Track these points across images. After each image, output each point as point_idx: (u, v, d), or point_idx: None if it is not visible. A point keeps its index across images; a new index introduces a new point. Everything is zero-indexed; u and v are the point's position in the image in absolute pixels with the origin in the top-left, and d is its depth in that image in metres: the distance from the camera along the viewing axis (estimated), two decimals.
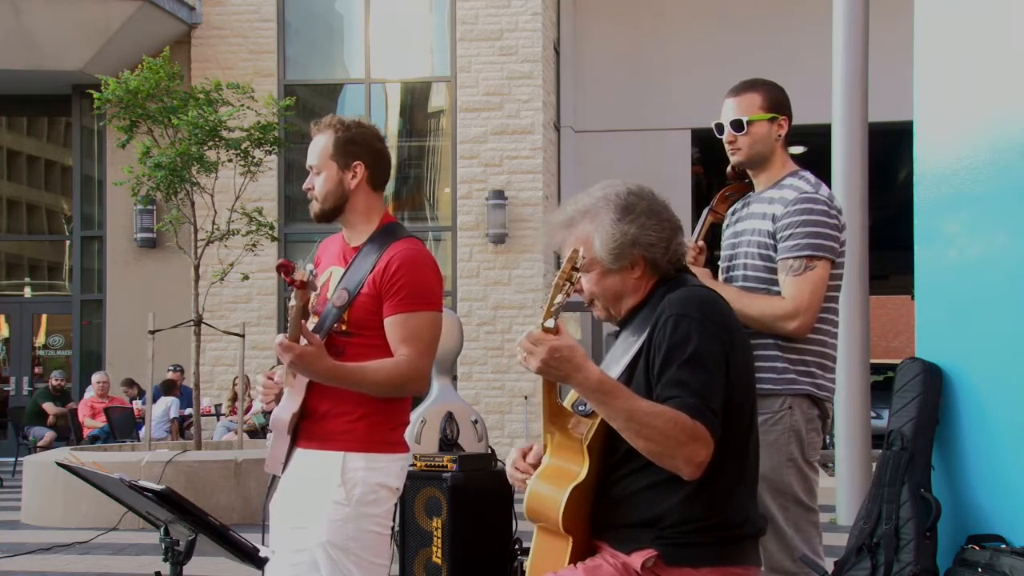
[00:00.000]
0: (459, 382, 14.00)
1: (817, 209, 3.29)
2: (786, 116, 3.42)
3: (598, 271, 2.56)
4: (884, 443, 4.14)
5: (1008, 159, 3.86)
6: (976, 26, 4.11)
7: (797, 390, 3.28)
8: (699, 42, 15.93)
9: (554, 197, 15.56)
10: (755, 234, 3.38)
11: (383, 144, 3.28)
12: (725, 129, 3.42)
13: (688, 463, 2.36)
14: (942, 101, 4.24)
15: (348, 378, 3.00)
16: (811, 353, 3.32)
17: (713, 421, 2.37)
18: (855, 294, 8.26)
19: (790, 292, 3.26)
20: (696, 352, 2.40)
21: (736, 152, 3.42)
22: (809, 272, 3.25)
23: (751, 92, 3.42)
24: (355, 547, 3.03)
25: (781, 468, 3.25)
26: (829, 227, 3.30)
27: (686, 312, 2.44)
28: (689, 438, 2.34)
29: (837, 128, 8.41)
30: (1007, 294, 3.84)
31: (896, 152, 17.26)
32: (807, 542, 3.30)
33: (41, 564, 7.21)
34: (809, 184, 3.36)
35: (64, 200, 17.17)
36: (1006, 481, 3.81)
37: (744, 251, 3.41)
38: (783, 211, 3.31)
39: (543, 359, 2.36)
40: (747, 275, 3.38)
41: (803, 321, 3.24)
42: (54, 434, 14.03)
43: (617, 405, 2.37)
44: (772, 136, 3.40)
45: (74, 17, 14.58)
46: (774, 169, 3.43)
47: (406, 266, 3.07)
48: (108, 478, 2.63)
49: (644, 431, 2.35)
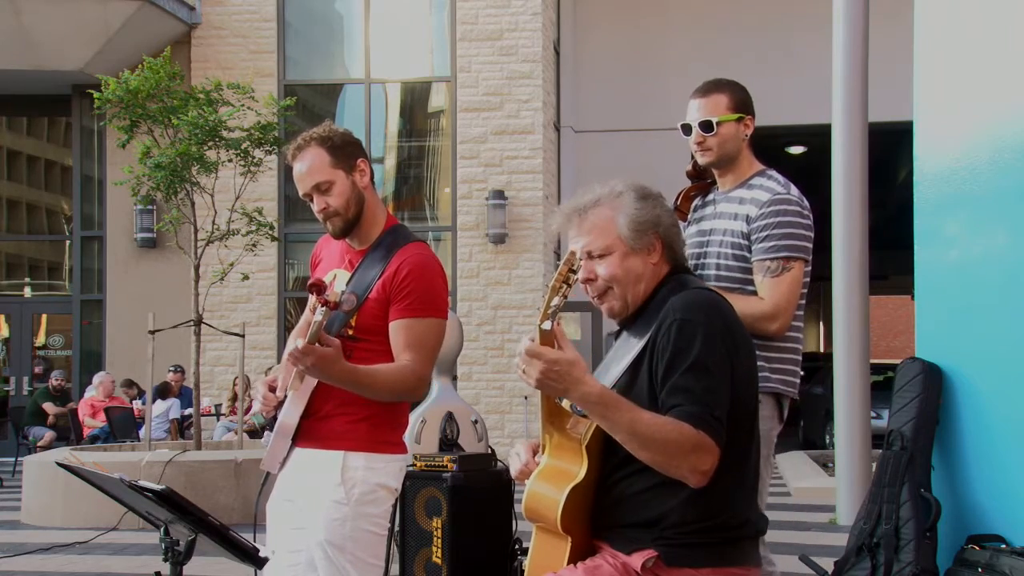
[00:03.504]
0: (459, 382, 14.01)
1: (791, 210, 3.33)
2: (751, 116, 3.46)
3: (620, 252, 2.54)
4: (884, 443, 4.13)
5: (1008, 159, 3.86)
6: (976, 26, 4.11)
7: (766, 388, 3.30)
8: (699, 42, 15.93)
9: (554, 197, 15.56)
10: (727, 234, 3.41)
11: None
12: (693, 130, 3.46)
13: (693, 472, 2.36)
14: (942, 101, 4.24)
15: (360, 381, 2.96)
16: (785, 351, 3.37)
17: (717, 428, 2.36)
18: (855, 294, 8.26)
19: (769, 293, 3.29)
20: (700, 358, 2.39)
21: (706, 153, 3.46)
22: (786, 273, 3.29)
23: (717, 93, 3.45)
24: (352, 547, 3.02)
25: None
26: (803, 227, 3.35)
27: (690, 317, 2.43)
28: (693, 448, 2.34)
29: (837, 128, 8.41)
30: (1007, 294, 3.84)
31: (896, 152, 17.27)
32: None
33: (41, 564, 7.21)
34: (779, 184, 3.40)
35: (64, 200, 17.17)
36: (1006, 481, 3.81)
37: (716, 251, 3.43)
38: (757, 212, 3.34)
39: (540, 373, 2.34)
40: (720, 275, 3.40)
41: (782, 322, 3.30)
42: (54, 434, 14.04)
43: (619, 419, 2.36)
44: (740, 136, 3.44)
45: (74, 17, 14.58)
46: (741, 168, 3.47)
47: (416, 272, 3.05)
48: (108, 478, 2.63)
49: (647, 443, 2.35)
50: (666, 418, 2.36)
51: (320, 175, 3.09)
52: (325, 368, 2.85)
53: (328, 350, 2.82)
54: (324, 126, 3.17)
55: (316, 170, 3.09)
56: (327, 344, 2.83)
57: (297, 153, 3.12)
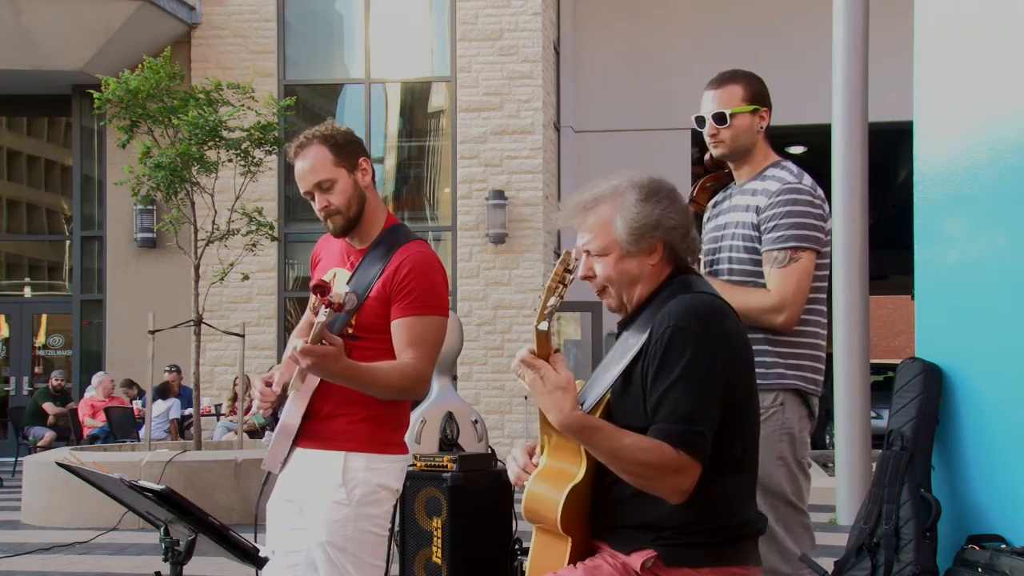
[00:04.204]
0: (459, 382, 14.00)
1: (801, 199, 3.25)
2: (767, 108, 3.40)
3: (616, 254, 2.53)
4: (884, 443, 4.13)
5: (1008, 159, 3.86)
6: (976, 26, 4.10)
7: (786, 385, 3.25)
8: (699, 42, 15.93)
9: (554, 197, 15.56)
10: (739, 227, 3.34)
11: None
12: (707, 122, 3.38)
13: (673, 492, 2.38)
14: (942, 101, 4.24)
15: (362, 379, 2.95)
16: (801, 346, 3.28)
17: (700, 445, 2.36)
18: (855, 294, 8.26)
19: (775, 284, 3.22)
20: (687, 370, 2.37)
21: (719, 145, 3.39)
22: (794, 264, 3.21)
23: (732, 84, 3.38)
24: (353, 548, 3.02)
25: (771, 466, 3.19)
26: (813, 217, 3.26)
27: (683, 325, 2.41)
28: (673, 470, 2.35)
29: (837, 128, 8.41)
30: (1007, 294, 3.84)
31: (896, 152, 17.27)
32: (797, 543, 3.26)
33: (41, 564, 7.21)
34: (792, 174, 3.33)
35: (64, 200, 17.17)
36: (1006, 481, 3.81)
37: (729, 244, 3.37)
38: (767, 202, 3.27)
39: (529, 383, 2.41)
40: (732, 268, 3.34)
41: (790, 314, 3.21)
42: (54, 434, 14.04)
43: (598, 445, 2.38)
44: (754, 128, 3.37)
45: (74, 17, 14.58)
46: (756, 160, 3.40)
47: (417, 270, 3.05)
48: (108, 478, 2.63)
49: (628, 467, 2.37)
50: (647, 440, 2.36)
51: (322, 173, 3.08)
52: (327, 366, 2.84)
53: (331, 348, 2.82)
54: (326, 124, 3.16)
55: (318, 168, 3.08)
56: (330, 343, 2.83)
57: (299, 151, 3.12)
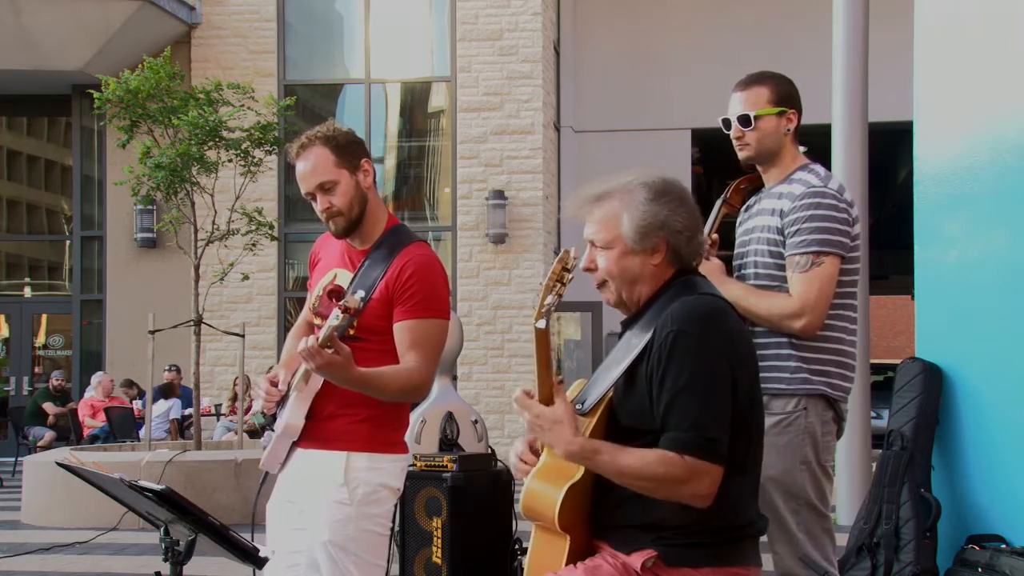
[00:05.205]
0: (459, 382, 14.00)
1: (825, 203, 3.19)
2: (795, 110, 3.33)
3: (619, 250, 2.52)
4: (884, 443, 4.14)
5: (1008, 159, 3.86)
6: (976, 27, 4.11)
7: (810, 390, 3.20)
8: (699, 42, 15.93)
9: (554, 197, 15.57)
10: (764, 231, 3.29)
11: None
12: (732, 124, 3.33)
13: (693, 498, 2.38)
14: (942, 101, 4.24)
15: (368, 384, 2.95)
16: (826, 352, 3.22)
17: (711, 448, 2.35)
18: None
19: (797, 290, 3.17)
20: (693, 376, 2.37)
21: (744, 148, 3.32)
22: (816, 268, 3.16)
23: (759, 86, 3.31)
24: (355, 547, 3.02)
25: (794, 471, 3.17)
26: (838, 221, 3.19)
27: (687, 329, 2.40)
28: (686, 478, 2.35)
29: (837, 128, 8.40)
30: (1007, 294, 3.84)
31: (896, 152, 17.26)
32: (819, 548, 3.23)
33: (41, 564, 7.21)
34: (818, 177, 3.26)
35: (64, 200, 17.17)
36: (1006, 481, 3.81)
37: (755, 248, 3.32)
38: (791, 206, 3.21)
39: (527, 423, 2.47)
40: (758, 272, 3.30)
41: (810, 320, 3.15)
42: (54, 434, 14.04)
43: (604, 467, 2.40)
44: (781, 130, 3.30)
45: (74, 17, 14.58)
46: (784, 164, 3.33)
47: (419, 272, 3.05)
48: (108, 478, 2.63)
49: (638, 483, 2.39)
50: (652, 453, 2.36)
51: (324, 175, 3.07)
52: (336, 370, 2.84)
53: (338, 358, 2.81)
54: (328, 125, 3.14)
55: (320, 169, 3.07)
56: (339, 350, 2.82)
57: (301, 152, 3.10)
